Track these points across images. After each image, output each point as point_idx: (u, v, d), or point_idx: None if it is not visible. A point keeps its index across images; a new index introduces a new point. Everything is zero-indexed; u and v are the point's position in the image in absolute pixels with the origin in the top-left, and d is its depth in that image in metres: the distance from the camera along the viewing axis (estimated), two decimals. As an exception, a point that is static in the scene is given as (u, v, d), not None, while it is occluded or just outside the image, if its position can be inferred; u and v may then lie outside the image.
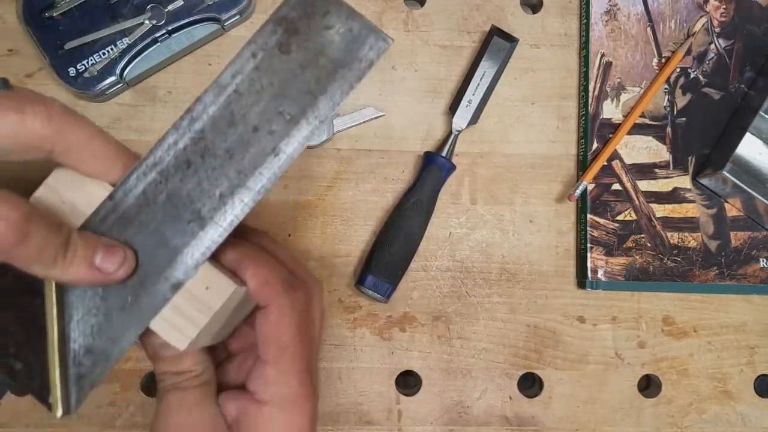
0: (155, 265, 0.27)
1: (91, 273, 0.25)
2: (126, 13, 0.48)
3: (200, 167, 0.27)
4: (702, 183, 0.53)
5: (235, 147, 0.27)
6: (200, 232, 0.27)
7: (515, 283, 0.52)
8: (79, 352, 0.26)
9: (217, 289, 0.27)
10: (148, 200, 0.27)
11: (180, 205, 0.27)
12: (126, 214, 0.27)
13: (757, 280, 0.53)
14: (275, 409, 0.29)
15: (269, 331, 0.29)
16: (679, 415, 0.52)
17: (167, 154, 0.27)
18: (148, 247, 0.27)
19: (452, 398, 0.51)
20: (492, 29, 0.53)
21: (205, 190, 0.27)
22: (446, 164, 0.51)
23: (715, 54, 0.54)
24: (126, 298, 0.27)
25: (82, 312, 0.27)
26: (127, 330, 0.27)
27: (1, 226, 0.22)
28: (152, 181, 0.27)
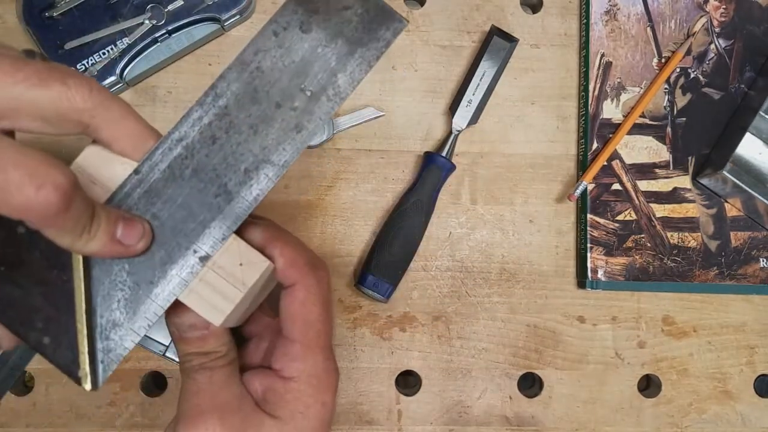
0: (183, 239, 0.27)
1: (112, 246, 0.26)
2: (126, 13, 0.48)
3: (225, 142, 0.27)
4: (702, 183, 0.53)
5: (258, 123, 0.27)
6: (226, 206, 0.27)
7: (515, 283, 0.52)
8: (106, 327, 0.27)
9: (251, 265, 0.27)
10: (174, 175, 0.27)
11: (206, 179, 0.27)
12: (152, 188, 0.27)
13: (757, 280, 0.53)
14: (302, 384, 0.30)
15: (296, 310, 0.29)
16: (679, 415, 0.52)
17: (192, 129, 0.27)
18: (175, 221, 0.27)
19: (452, 398, 0.51)
20: (492, 29, 0.53)
21: (230, 165, 0.27)
22: (446, 164, 0.51)
23: (715, 54, 0.54)
24: (153, 272, 0.27)
25: (109, 287, 0.27)
26: (155, 304, 0.27)
27: (51, 193, 0.22)
28: (178, 156, 0.27)
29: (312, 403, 0.30)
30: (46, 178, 0.22)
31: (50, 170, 0.22)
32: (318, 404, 0.30)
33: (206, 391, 0.29)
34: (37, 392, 0.48)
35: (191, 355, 0.30)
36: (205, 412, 0.28)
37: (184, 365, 0.30)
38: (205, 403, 0.29)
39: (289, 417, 0.29)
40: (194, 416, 0.29)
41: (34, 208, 0.22)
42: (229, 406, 0.29)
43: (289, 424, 0.29)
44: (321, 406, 0.30)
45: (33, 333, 0.27)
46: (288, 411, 0.29)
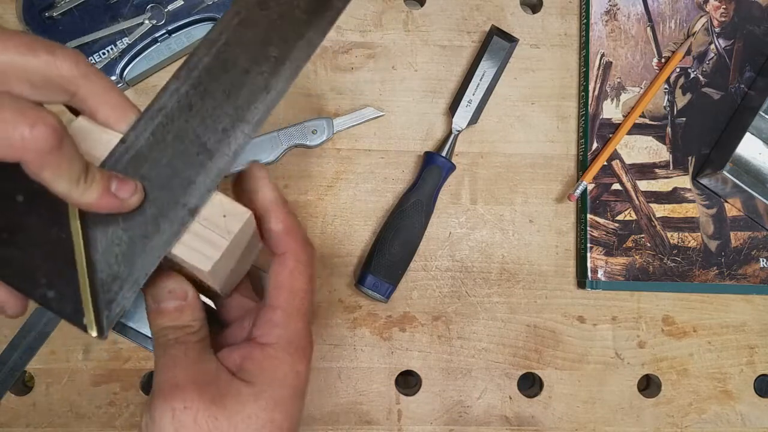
0: (171, 194, 0.29)
1: (107, 198, 0.28)
2: (126, 13, 0.48)
3: (201, 108, 0.30)
4: (702, 183, 0.53)
5: (230, 88, 0.30)
6: (209, 162, 0.30)
7: (515, 283, 0.52)
8: (106, 280, 0.29)
9: (233, 215, 0.30)
10: (158, 140, 0.30)
11: (187, 141, 0.30)
12: (139, 153, 0.29)
13: (757, 280, 0.53)
14: (280, 351, 0.30)
15: (284, 277, 0.31)
16: (679, 415, 0.52)
17: (171, 99, 0.30)
18: (162, 179, 0.29)
19: (452, 398, 0.51)
20: (492, 29, 0.53)
21: (208, 127, 0.30)
22: (446, 164, 0.51)
23: (715, 54, 0.54)
24: (147, 227, 0.29)
25: (107, 243, 0.29)
26: (150, 256, 0.29)
27: (42, 129, 0.24)
28: (159, 124, 0.30)
29: (288, 371, 0.30)
30: (38, 117, 0.24)
31: (40, 112, 0.24)
32: (293, 372, 0.30)
33: (182, 365, 0.29)
34: (37, 392, 0.48)
35: (166, 329, 0.30)
36: (181, 384, 0.28)
37: (159, 340, 0.31)
38: (181, 376, 0.29)
39: (267, 384, 0.29)
40: (171, 389, 0.29)
41: (30, 145, 0.24)
42: (205, 378, 0.29)
43: (266, 391, 0.29)
44: (295, 375, 0.30)
45: (38, 289, 0.29)
46: (265, 378, 0.30)
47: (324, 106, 0.52)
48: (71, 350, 0.49)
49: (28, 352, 0.35)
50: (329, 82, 0.53)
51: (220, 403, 0.28)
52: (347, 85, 0.53)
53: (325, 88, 0.52)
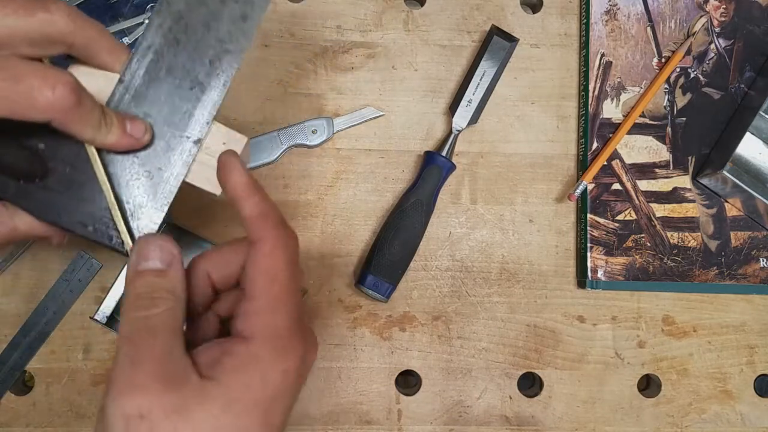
0: (175, 129, 0.33)
1: (125, 138, 0.31)
2: (126, 13, 0.48)
3: (186, 42, 0.33)
4: (702, 183, 0.53)
5: (209, 20, 0.33)
6: (203, 95, 0.33)
7: (515, 282, 0.52)
8: (134, 210, 0.32)
9: (232, 142, 0.33)
10: (152, 77, 0.32)
11: (180, 76, 0.33)
12: (138, 92, 0.32)
13: (757, 280, 0.53)
14: (262, 345, 0.27)
15: (260, 262, 0.28)
16: (679, 414, 0.52)
17: (156, 36, 0.32)
18: (164, 116, 0.33)
19: (452, 398, 0.51)
20: (492, 29, 0.53)
21: (196, 60, 0.33)
22: (446, 164, 0.51)
23: (715, 54, 0.54)
24: (159, 159, 0.32)
25: (127, 178, 0.32)
26: (167, 185, 0.33)
27: (62, 89, 0.27)
28: (151, 61, 0.32)
29: (270, 369, 0.27)
30: (56, 79, 0.27)
31: (56, 73, 0.27)
32: (277, 372, 0.27)
33: (147, 358, 0.25)
34: (37, 392, 0.48)
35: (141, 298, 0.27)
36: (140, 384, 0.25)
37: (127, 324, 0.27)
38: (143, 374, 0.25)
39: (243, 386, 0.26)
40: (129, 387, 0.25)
41: (55, 105, 0.27)
42: (171, 378, 0.25)
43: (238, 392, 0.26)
44: (281, 375, 0.27)
45: (78, 225, 0.32)
46: (243, 376, 0.26)
47: (324, 106, 0.52)
48: (71, 350, 0.49)
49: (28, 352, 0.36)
50: (329, 82, 0.53)
51: (183, 412, 0.25)
52: (347, 85, 0.53)
53: (325, 88, 0.52)
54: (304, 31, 0.53)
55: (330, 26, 0.53)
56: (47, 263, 0.49)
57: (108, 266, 0.49)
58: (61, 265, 0.49)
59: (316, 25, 0.53)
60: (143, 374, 0.25)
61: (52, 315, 0.48)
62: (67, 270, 0.49)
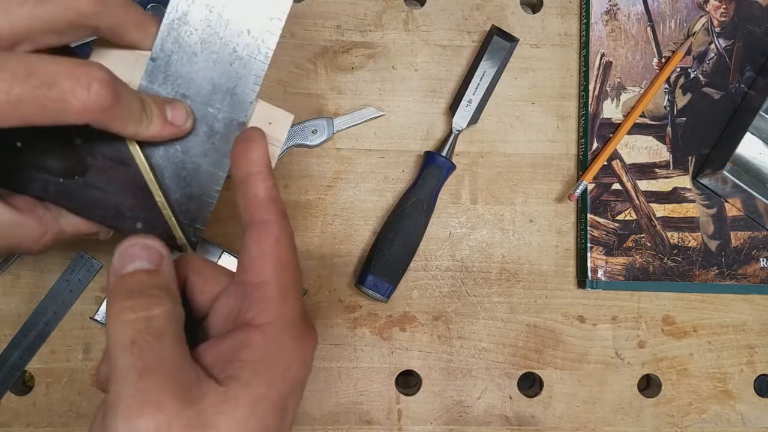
0: (218, 111, 0.29)
1: (167, 127, 0.28)
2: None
3: (222, 9, 0.29)
4: (702, 183, 0.53)
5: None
6: (243, 70, 0.29)
7: (515, 282, 0.52)
8: (183, 201, 0.30)
9: (278, 121, 0.30)
10: (187, 52, 0.29)
11: (216, 49, 0.29)
12: (173, 71, 0.29)
13: (757, 280, 0.53)
14: (280, 330, 0.25)
15: (269, 247, 0.26)
16: (679, 414, 0.52)
17: (187, 3, 0.28)
18: (204, 96, 0.29)
19: (452, 398, 0.51)
20: (492, 29, 0.53)
21: (233, 30, 0.29)
22: (446, 164, 0.51)
23: (715, 54, 0.54)
24: (203, 145, 0.29)
25: (172, 168, 0.30)
26: (215, 172, 0.30)
27: (98, 87, 0.24)
28: (184, 33, 0.29)
29: (291, 358, 0.25)
30: (90, 76, 0.24)
31: (89, 69, 0.24)
32: (298, 361, 0.25)
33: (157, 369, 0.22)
34: (37, 392, 0.48)
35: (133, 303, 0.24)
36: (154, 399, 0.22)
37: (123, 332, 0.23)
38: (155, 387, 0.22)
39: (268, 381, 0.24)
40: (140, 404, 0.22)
41: (92, 105, 0.24)
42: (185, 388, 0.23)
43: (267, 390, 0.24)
44: (300, 364, 0.26)
45: (126, 222, 0.30)
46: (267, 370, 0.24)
47: (324, 106, 0.52)
48: (71, 350, 0.49)
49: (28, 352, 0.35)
50: (329, 82, 0.53)
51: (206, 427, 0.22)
52: (347, 85, 0.53)
53: (325, 88, 0.52)
54: (304, 31, 0.53)
55: (330, 26, 0.53)
56: (47, 263, 0.49)
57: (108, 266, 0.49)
58: (61, 265, 0.49)
59: (316, 25, 0.53)
60: (156, 388, 0.22)
61: (52, 315, 0.48)
62: (67, 270, 0.49)
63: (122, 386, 0.22)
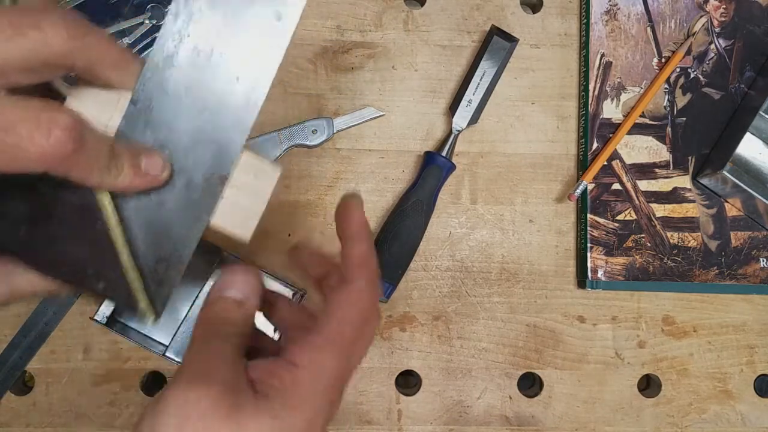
0: (198, 162, 0.27)
1: (140, 177, 0.26)
2: (126, 13, 0.48)
3: (210, 53, 0.26)
4: (702, 183, 0.53)
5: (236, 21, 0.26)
6: (230, 120, 0.27)
7: (515, 282, 0.52)
8: (151, 261, 0.27)
9: (264, 175, 0.27)
10: (170, 98, 0.26)
11: (202, 96, 0.26)
12: (154, 117, 0.26)
13: (757, 280, 0.53)
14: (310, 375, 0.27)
15: (340, 304, 0.28)
16: (679, 414, 0.52)
17: (173, 44, 0.26)
18: (185, 145, 0.27)
19: (452, 398, 0.51)
20: (492, 29, 0.53)
21: (222, 77, 0.26)
22: (446, 164, 0.51)
23: (715, 54, 0.54)
24: (180, 200, 0.27)
25: (144, 224, 0.27)
26: (189, 230, 0.27)
27: (59, 134, 0.22)
28: (169, 77, 0.26)
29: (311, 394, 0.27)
30: (52, 122, 0.22)
31: (53, 114, 0.22)
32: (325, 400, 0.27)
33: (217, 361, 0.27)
34: (37, 392, 0.48)
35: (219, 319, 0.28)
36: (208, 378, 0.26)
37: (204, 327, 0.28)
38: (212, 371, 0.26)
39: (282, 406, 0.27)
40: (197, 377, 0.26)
41: (51, 153, 0.22)
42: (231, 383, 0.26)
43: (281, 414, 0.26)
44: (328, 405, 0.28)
45: (88, 281, 0.27)
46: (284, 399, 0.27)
47: (324, 106, 0.52)
48: (71, 350, 0.49)
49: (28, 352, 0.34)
50: (329, 82, 0.53)
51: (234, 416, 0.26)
52: (347, 85, 0.53)
53: (325, 88, 0.52)
54: (304, 31, 0.53)
55: (330, 26, 0.53)
56: (47, 263, 0.49)
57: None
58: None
59: (316, 25, 0.53)
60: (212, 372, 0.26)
61: (52, 315, 0.48)
62: (67, 270, 0.49)
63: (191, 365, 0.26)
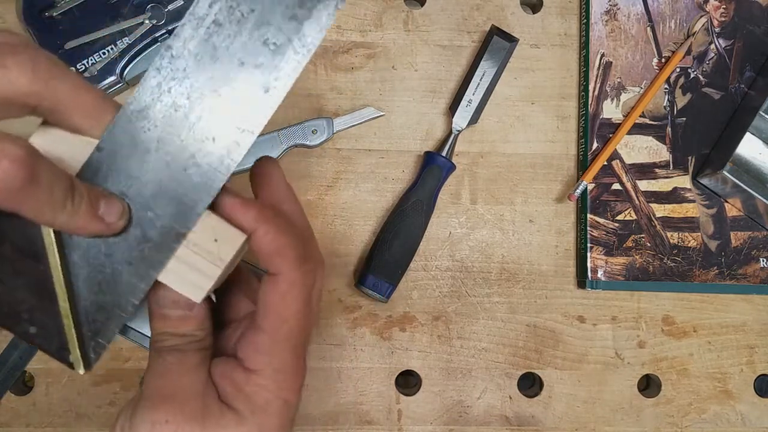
0: (157, 217, 0.26)
1: (96, 222, 0.25)
2: (126, 13, 0.48)
3: (188, 110, 0.25)
4: (702, 183, 0.53)
5: (222, 86, 0.25)
6: (199, 179, 0.26)
7: (515, 282, 0.52)
8: (91, 310, 0.26)
9: (226, 240, 0.26)
10: (139, 149, 0.25)
11: (173, 151, 0.25)
12: (118, 165, 0.25)
13: (757, 280, 0.53)
14: (263, 379, 0.28)
15: (273, 301, 0.27)
16: (679, 414, 0.52)
17: (151, 97, 0.25)
18: (145, 198, 0.26)
19: (452, 398, 0.51)
20: (492, 29, 0.53)
21: (197, 135, 0.25)
22: (446, 164, 0.51)
23: (715, 54, 0.54)
24: (131, 252, 0.26)
25: (88, 270, 0.26)
26: (136, 283, 0.26)
27: (8, 166, 0.21)
28: (141, 128, 0.25)
29: (273, 399, 0.28)
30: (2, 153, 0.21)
31: (3, 145, 0.21)
32: (279, 401, 0.28)
33: (173, 375, 0.28)
34: (37, 392, 0.48)
35: (166, 334, 0.28)
36: (167, 396, 0.27)
37: (156, 344, 0.28)
38: (169, 387, 0.27)
39: (249, 411, 0.28)
40: (156, 399, 0.27)
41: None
42: (192, 394, 0.27)
43: (249, 418, 0.27)
44: (283, 404, 0.28)
45: (19, 324, 0.26)
46: (248, 405, 0.28)
47: (324, 106, 0.52)
48: (71, 350, 0.49)
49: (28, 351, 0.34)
50: (329, 82, 0.53)
51: (201, 424, 0.27)
52: (347, 85, 0.53)
53: (325, 88, 0.52)
54: (304, 31, 0.52)
55: (330, 26, 0.53)
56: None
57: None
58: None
59: (316, 25, 0.53)
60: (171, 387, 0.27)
61: (52, 315, 0.48)
62: (67, 270, 0.49)
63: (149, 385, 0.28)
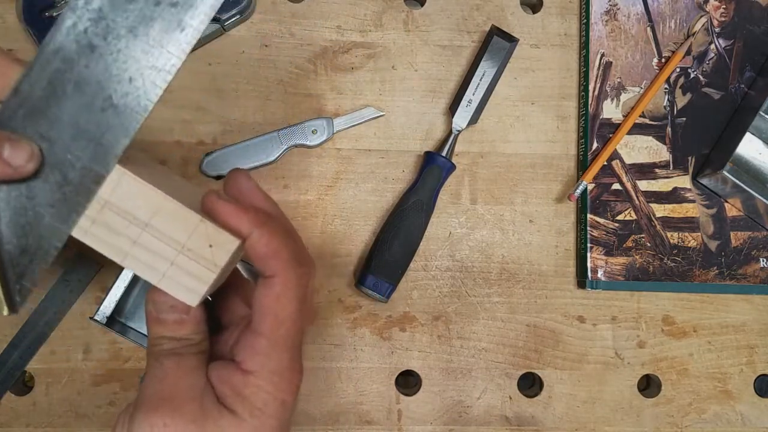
0: (76, 159, 0.26)
1: (1, 166, 0.25)
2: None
3: (105, 50, 0.26)
4: (702, 183, 0.53)
5: (137, 25, 0.26)
6: (115, 120, 0.26)
7: (515, 282, 0.52)
8: (14, 253, 0.27)
9: (220, 246, 0.27)
10: (56, 91, 0.26)
11: (90, 92, 0.26)
12: (35, 108, 0.26)
13: (757, 280, 0.53)
14: (261, 380, 0.28)
15: (269, 303, 0.28)
16: (679, 415, 0.52)
17: (67, 38, 0.26)
18: (64, 140, 0.26)
19: (452, 398, 0.51)
20: (492, 29, 0.53)
21: (113, 75, 0.26)
22: (446, 164, 0.51)
23: (715, 54, 0.54)
24: (52, 194, 0.26)
25: (11, 213, 0.26)
26: (58, 226, 0.27)
27: None
28: (57, 70, 0.26)
29: (270, 400, 0.28)
30: None
31: None
32: (277, 402, 0.29)
33: (170, 379, 0.28)
34: (37, 392, 0.48)
35: (164, 338, 0.29)
36: (165, 400, 0.27)
37: (154, 348, 0.29)
38: (167, 391, 0.28)
39: (247, 413, 0.28)
40: (156, 402, 0.28)
41: None
42: (190, 397, 0.28)
43: (247, 420, 0.28)
44: (280, 405, 0.29)
45: None
46: (246, 407, 0.28)
47: (324, 106, 0.52)
48: (71, 350, 0.49)
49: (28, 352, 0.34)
50: (329, 82, 0.53)
51: (199, 426, 0.27)
52: (347, 85, 0.53)
53: (325, 88, 0.52)
54: (304, 31, 0.53)
55: (330, 26, 0.53)
56: (47, 263, 0.49)
57: (108, 267, 0.49)
58: (60, 265, 0.49)
59: (316, 25, 0.53)
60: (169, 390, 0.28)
61: (52, 315, 0.48)
62: (67, 270, 0.49)
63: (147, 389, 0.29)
